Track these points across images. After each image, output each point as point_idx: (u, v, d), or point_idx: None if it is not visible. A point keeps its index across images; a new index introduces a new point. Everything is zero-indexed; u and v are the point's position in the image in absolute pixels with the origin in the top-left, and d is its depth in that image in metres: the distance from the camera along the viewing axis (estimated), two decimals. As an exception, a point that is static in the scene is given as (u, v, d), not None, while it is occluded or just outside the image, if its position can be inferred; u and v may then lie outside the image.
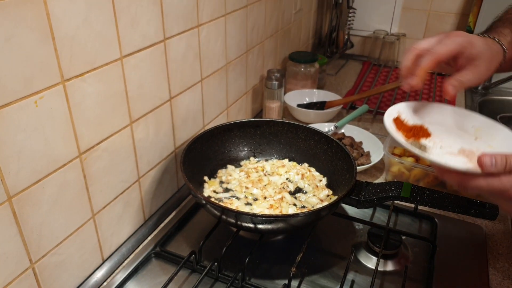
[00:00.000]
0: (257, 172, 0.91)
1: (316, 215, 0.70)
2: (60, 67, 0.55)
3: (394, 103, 1.40)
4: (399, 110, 0.66)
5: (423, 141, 0.62)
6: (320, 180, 0.90)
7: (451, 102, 0.67)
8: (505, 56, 0.66)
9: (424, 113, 0.68)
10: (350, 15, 1.69)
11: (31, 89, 0.51)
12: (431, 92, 1.54)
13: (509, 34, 0.68)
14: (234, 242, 0.73)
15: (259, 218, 0.67)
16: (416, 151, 0.57)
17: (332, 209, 0.74)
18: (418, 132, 0.64)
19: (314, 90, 1.36)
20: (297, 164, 0.94)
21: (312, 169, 0.93)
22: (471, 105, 1.47)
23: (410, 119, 0.66)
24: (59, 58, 0.54)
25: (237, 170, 0.92)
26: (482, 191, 0.51)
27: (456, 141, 0.64)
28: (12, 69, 0.49)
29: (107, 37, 0.62)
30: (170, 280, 0.66)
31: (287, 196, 0.83)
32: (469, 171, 0.52)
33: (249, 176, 0.89)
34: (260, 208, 0.79)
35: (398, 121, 0.65)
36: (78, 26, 0.56)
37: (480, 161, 0.49)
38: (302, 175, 0.90)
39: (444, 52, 0.62)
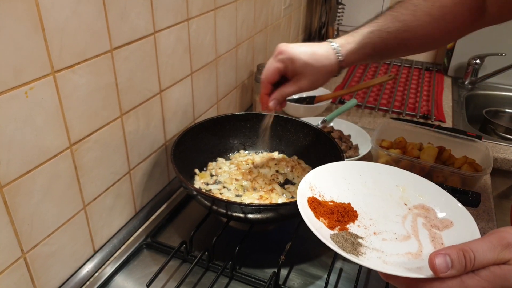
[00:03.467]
0: (247, 164, 0.92)
1: (304, 204, 0.71)
2: (50, 58, 0.55)
3: (382, 98, 1.43)
4: (311, 182, 0.59)
5: (352, 227, 0.54)
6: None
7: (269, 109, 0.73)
8: (341, 64, 0.70)
9: (339, 179, 0.61)
10: (339, 10, 1.71)
11: (21, 80, 0.52)
12: (418, 87, 1.56)
13: (356, 39, 0.70)
14: (225, 233, 0.74)
15: (249, 207, 0.68)
16: (350, 257, 0.46)
17: (320, 199, 0.75)
18: (343, 215, 0.55)
19: (304, 84, 1.37)
20: (286, 157, 0.96)
21: (301, 162, 0.94)
22: (457, 100, 1.49)
23: (327, 191, 0.59)
24: (49, 49, 0.55)
25: (227, 162, 0.93)
26: None
27: (388, 217, 0.56)
28: (2, 60, 0.49)
29: (96, 29, 0.62)
30: (161, 269, 0.67)
31: (277, 187, 0.85)
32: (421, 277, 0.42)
33: (240, 169, 0.90)
34: (250, 199, 0.81)
35: (314, 203, 0.55)
36: (67, 17, 0.56)
37: (432, 264, 0.40)
38: (292, 167, 0.92)
39: (269, 76, 0.70)
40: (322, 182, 0.60)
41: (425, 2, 0.68)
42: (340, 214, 0.55)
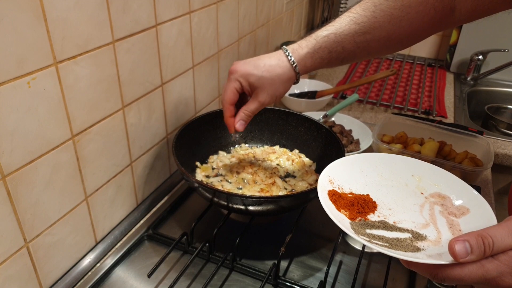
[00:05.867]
0: (248, 157, 0.92)
1: (304, 196, 0.72)
2: (52, 49, 0.55)
3: (383, 93, 1.43)
4: (330, 176, 0.60)
5: (372, 218, 0.55)
6: (310, 166, 0.91)
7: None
8: (297, 71, 0.68)
9: (357, 171, 0.62)
10: (341, 5, 1.70)
11: (23, 70, 0.52)
12: (420, 82, 1.56)
13: (310, 44, 0.67)
14: (225, 225, 0.75)
15: (250, 199, 0.68)
16: (374, 246, 0.46)
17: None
18: (363, 206, 0.56)
19: (306, 79, 1.38)
20: (287, 150, 0.96)
21: (302, 155, 0.95)
22: (459, 96, 1.49)
23: (346, 184, 0.60)
24: (52, 40, 0.55)
25: (228, 156, 0.94)
26: (463, 282, 0.42)
27: (406, 207, 0.57)
28: (5, 50, 0.49)
29: (99, 21, 0.62)
30: (162, 260, 0.68)
31: (278, 180, 0.85)
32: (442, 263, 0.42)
33: (241, 162, 0.91)
34: (250, 192, 0.81)
35: (335, 196, 0.56)
36: (70, 8, 0.57)
37: (452, 250, 0.41)
38: (292, 160, 0.92)
39: (228, 97, 0.69)
40: (341, 175, 0.61)
41: (386, 1, 0.64)
42: (360, 206, 0.56)
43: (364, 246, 0.74)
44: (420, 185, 0.61)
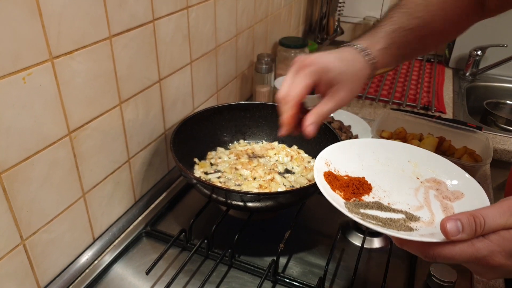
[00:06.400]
0: (247, 154, 0.92)
1: (303, 192, 0.71)
2: (48, 44, 0.55)
3: (382, 89, 1.43)
4: (327, 159, 0.60)
5: (366, 199, 0.55)
6: (309, 162, 0.91)
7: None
8: (374, 67, 0.63)
9: (353, 156, 0.62)
10: (340, 1, 1.70)
11: (19, 65, 0.52)
12: (419, 78, 1.56)
13: (382, 39, 0.63)
14: (224, 221, 0.75)
15: (249, 195, 0.68)
16: (367, 224, 0.47)
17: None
18: (358, 187, 0.56)
19: (304, 75, 1.37)
20: (286, 147, 0.96)
21: (301, 151, 0.94)
22: (458, 91, 1.49)
23: (342, 167, 0.60)
24: (47, 35, 0.54)
25: (227, 152, 0.93)
26: (454, 261, 0.42)
27: (401, 189, 0.57)
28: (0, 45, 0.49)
29: (95, 16, 0.62)
30: (160, 257, 0.68)
31: (277, 176, 0.85)
32: (433, 241, 0.43)
33: (239, 158, 0.90)
34: (249, 188, 0.81)
35: (330, 177, 0.57)
36: (65, 3, 0.56)
37: (443, 228, 0.41)
38: (291, 157, 0.92)
39: (298, 94, 0.59)
40: (337, 158, 0.61)
41: None
42: (355, 187, 0.56)
43: (363, 242, 0.74)
44: (416, 170, 0.61)
